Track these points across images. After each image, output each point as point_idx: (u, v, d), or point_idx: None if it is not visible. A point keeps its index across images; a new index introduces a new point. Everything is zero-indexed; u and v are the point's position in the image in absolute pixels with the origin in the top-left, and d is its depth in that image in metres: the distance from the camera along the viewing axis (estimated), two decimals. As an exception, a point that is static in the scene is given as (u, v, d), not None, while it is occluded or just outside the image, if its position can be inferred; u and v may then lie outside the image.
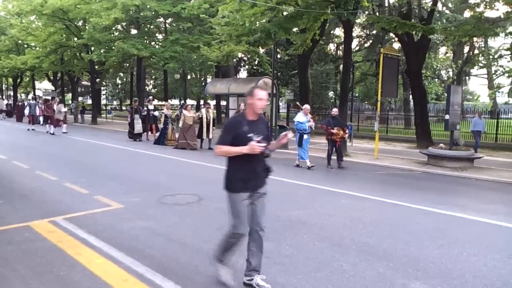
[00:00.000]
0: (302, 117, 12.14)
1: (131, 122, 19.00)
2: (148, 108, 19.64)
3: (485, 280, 4.36)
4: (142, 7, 25.24)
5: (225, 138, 3.88)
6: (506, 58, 17.17)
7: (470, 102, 56.16)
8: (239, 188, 3.99)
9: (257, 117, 4.00)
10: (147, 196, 7.80)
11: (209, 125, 16.33)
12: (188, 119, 15.91)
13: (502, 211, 7.55)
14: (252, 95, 3.91)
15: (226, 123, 4.08)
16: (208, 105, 17.11)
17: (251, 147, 3.75)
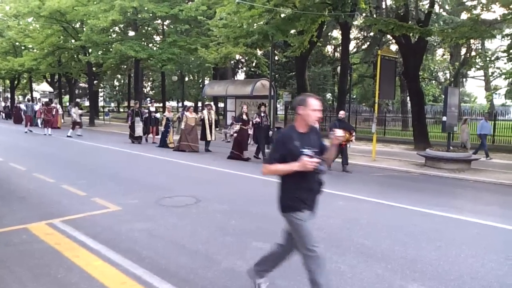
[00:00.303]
0: None
1: (132, 125, 18.79)
2: (150, 110, 19.47)
3: (483, 281, 4.38)
4: (140, 9, 25.26)
5: (273, 156, 3.56)
6: (503, 60, 17.19)
7: (467, 104, 56.31)
8: (300, 206, 3.66)
9: (308, 129, 3.61)
10: (145, 198, 7.79)
11: (212, 126, 16.09)
12: (190, 121, 15.78)
13: (499, 213, 7.57)
14: (305, 104, 3.50)
15: (276, 139, 3.71)
16: (210, 106, 16.86)
17: (302, 163, 3.41)
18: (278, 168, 3.54)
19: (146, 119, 19.11)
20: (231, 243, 5.37)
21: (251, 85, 21.70)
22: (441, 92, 41.77)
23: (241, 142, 13.92)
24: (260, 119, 13.85)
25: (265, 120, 14.09)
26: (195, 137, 15.77)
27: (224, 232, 5.83)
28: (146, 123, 19.21)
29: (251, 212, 7.01)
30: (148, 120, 19.22)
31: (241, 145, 13.87)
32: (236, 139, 14.12)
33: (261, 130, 13.95)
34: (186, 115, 15.92)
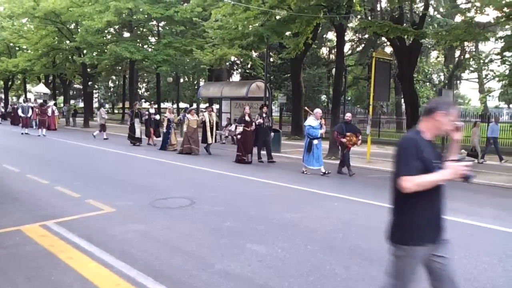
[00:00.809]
0: (313, 121, 11.50)
1: (131, 126, 18.53)
2: (149, 112, 19.22)
3: (476, 283, 4.39)
4: (135, 10, 25.23)
5: (413, 164, 2.82)
6: (496, 62, 17.32)
7: (462, 106, 56.59)
8: (420, 239, 2.92)
9: (432, 138, 3.04)
10: (139, 199, 7.77)
11: (213, 129, 15.88)
12: (192, 123, 15.51)
13: (492, 214, 7.61)
14: (448, 112, 2.92)
15: (403, 145, 2.98)
16: (211, 109, 16.55)
17: (455, 170, 2.81)
18: (428, 179, 2.79)
19: (146, 120, 18.81)
20: (226, 245, 5.36)
21: (246, 87, 21.70)
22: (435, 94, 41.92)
23: (246, 145, 13.55)
24: (263, 120, 13.72)
25: (267, 121, 13.97)
26: (196, 139, 15.54)
27: (219, 234, 5.83)
28: (146, 124, 18.92)
29: (246, 214, 7.01)
30: (148, 121, 18.93)
31: (246, 148, 13.51)
32: (240, 142, 13.77)
33: (261, 131, 13.82)
34: (188, 117, 15.59)
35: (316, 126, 11.40)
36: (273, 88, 33.08)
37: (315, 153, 11.39)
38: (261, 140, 13.97)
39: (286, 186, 9.79)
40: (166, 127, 17.01)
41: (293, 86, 25.50)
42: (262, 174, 11.53)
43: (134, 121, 18.41)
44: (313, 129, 11.34)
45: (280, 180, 10.48)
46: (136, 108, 19.32)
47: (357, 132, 11.87)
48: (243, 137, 13.64)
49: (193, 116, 15.81)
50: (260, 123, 13.70)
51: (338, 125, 12.33)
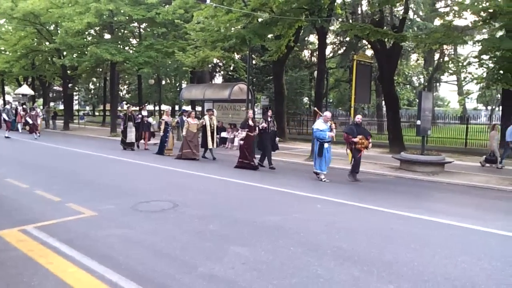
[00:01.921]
0: (322, 125, 11.13)
1: (124, 130, 17.65)
2: (142, 115, 18.48)
3: (456, 282, 4.47)
4: (116, 11, 24.96)
5: None
6: (474, 65, 17.63)
7: (441, 108, 57.50)
8: None
9: None
10: (121, 203, 7.69)
11: (213, 133, 15.27)
12: (192, 127, 14.83)
13: (472, 215, 7.75)
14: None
15: None
16: (211, 112, 15.85)
17: None
18: None
19: (138, 124, 18.01)
20: (209, 248, 5.34)
21: (229, 89, 21.67)
22: (415, 96, 42.56)
23: (250, 150, 13.02)
24: (267, 124, 13.17)
25: (272, 125, 13.43)
26: (197, 144, 14.94)
27: (202, 237, 5.81)
28: (138, 128, 18.06)
29: (230, 216, 7.00)
30: (140, 125, 18.09)
31: (249, 153, 12.95)
32: (243, 147, 13.18)
33: (267, 136, 13.24)
34: (188, 121, 14.88)
35: (325, 129, 11.02)
36: (255, 90, 33.11)
37: (326, 157, 10.99)
38: (266, 145, 13.27)
39: (270, 189, 9.81)
40: (163, 130, 16.31)
41: (275, 89, 25.58)
42: (246, 176, 11.52)
43: (128, 125, 17.61)
44: (320, 132, 10.99)
45: (264, 182, 10.50)
46: (130, 111, 18.37)
47: (368, 135, 11.46)
48: (247, 142, 13.06)
49: (193, 119, 15.14)
50: (264, 128, 13.11)
51: (349, 127, 11.91)
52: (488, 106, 48.97)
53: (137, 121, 17.86)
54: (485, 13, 12.76)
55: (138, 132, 18.01)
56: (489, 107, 48.09)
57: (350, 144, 11.18)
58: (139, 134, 18.05)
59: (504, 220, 7.51)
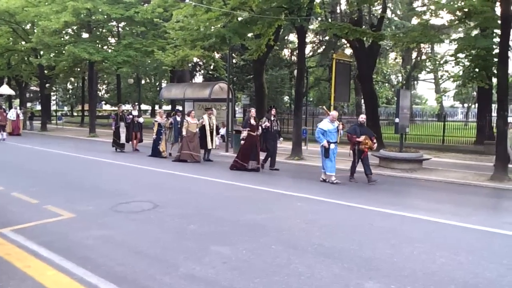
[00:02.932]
0: (327, 124, 10.66)
1: (116, 131, 17.03)
2: (133, 115, 17.64)
3: (434, 276, 4.55)
4: (94, 10, 24.62)
5: None
6: (451, 63, 18.00)
7: (419, 105, 58.38)
8: None
9: None
10: (100, 204, 7.60)
11: (213, 133, 14.64)
12: (191, 127, 14.11)
13: (449, 210, 7.89)
14: None
15: None
16: (211, 111, 15.05)
17: None
18: None
19: (128, 124, 17.29)
20: (190, 248, 5.32)
21: (209, 88, 21.62)
22: (393, 94, 43.13)
23: (249, 151, 12.34)
24: (270, 123, 12.59)
25: (275, 124, 12.79)
26: (196, 145, 14.23)
27: (183, 237, 5.78)
28: (129, 128, 17.36)
29: (211, 216, 6.98)
30: (131, 125, 17.33)
31: (248, 154, 12.33)
32: (243, 147, 12.48)
33: (270, 136, 12.67)
34: (188, 120, 14.15)
35: (332, 129, 10.62)
36: (236, 89, 33.09)
37: (333, 158, 10.56)
38: (271, 145, 12.72)
39: (251, 187, 9.82)
40: (156, 132, 15.61)
41: (256, 87, 25.59)
42: (227, 175, 11.51)
43: (120, 125, 17.00)
44: (323, 133, 10.54)
45: (245, 181, 10.50)
46: (121, 111, 17.83)
47: (372, 136, 11.05)
48: (248, 142, 12.39)
49: (193, 119, 14.40)
50: (267, 127, 12.54)
51: (352, 127, 11.45)
52: (465, 104, 49.88)
53: (128, 121, 17.22)
54: (461, 12, 13.00)
55: (129, 133, 17.37)
56: (466, 105, 48.99)
57: (354, 144, 10.82)
58: (129, 134, 17.41)
59: (480, 215, 7.68)
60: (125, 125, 17.09)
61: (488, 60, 14.41)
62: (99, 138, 24.64)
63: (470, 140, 21.78)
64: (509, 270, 4.76)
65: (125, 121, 17.08)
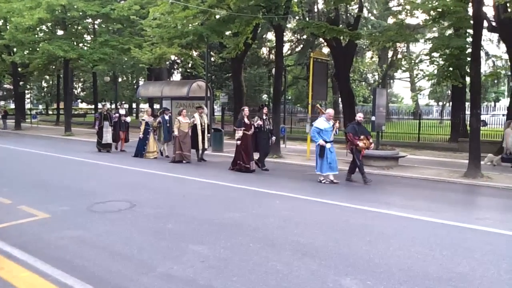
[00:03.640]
0: (323, 123, 10.37)
1: (100, 131, 16.27)
2: (120, 114, 16.94)
3: (409, 272, 4.63)
4: (69, 7, 24.16)
5: None
6: (425, 62, 18.29)
7: (395, 104, 59.19)
8: None
9: None
10: (76, 204, 7.49)
11: (204, 132, 13.98)
12: (183, 127, 13.65)
13: (424, 207, 8.04)
14: None
15: None
16: (202, 109, 14.30)
17: None
18: None
19: (115, 123, 16.56)
20: (167, 248, 5.30)
21: (187, 86, 21.47)
22: (370, 93, 43.63)
23: (248, 151, 11.99)
24: (262, 122, 12.27)
25: (267, 123, 12.47)
26: (188, 145, 13.77)
27: (160, 237, 5.75)
28: (115, 128, 16.62)
29: (188, 215, 6.96)
30: (117, 124, 16.62)
31: (249, 155, 12.00)
32: (243, 148, 11.98)
33: (262, 135, 12.33)
34: (179, 119, 13.73)
35: (328, 128, 10.35)
36: (214, 88, 33.00)
37: (329, 157, 10.22)
38: (261, 144, 12.39)
39: (229, 186, 9.81)
40: (143, 131, 14.92)
41: (234, 86, 25.58)
42: (205, 174, 11.48)
43: (103, 125, 16.25)
44: (318, 132, 10.27)
45: (222, 179, 10.49)
46: (105, 110, 16.95)
47: (369, 135, 10.84)
48: (244, 143, 11.98)
49: (185, 118, 13.89)
50: (260, 125, 12.22)
51: (351, 126, 10.98)
52: (439, 102, 50.82)
53: (114, 120, 16.49)
54: (435, 12, 13.22)
55: (116, 132, 16.65)
56: (440, 103, 49.93)
57: (351, 144, 10.55)
58: (116, 134, 16.68)
59: (454, 211, 7.85)
60: (110, 124, 16.40)
61: (462, 59, 14.71)
62: (75, 137, 24.25)
63: (445, 137, 22.21)
64: (480, 264, 4.88)
65: (110, 120, 16.41)
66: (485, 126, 22.05)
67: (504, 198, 9.47)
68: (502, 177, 11.57)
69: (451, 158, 16.43)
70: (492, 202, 9.25)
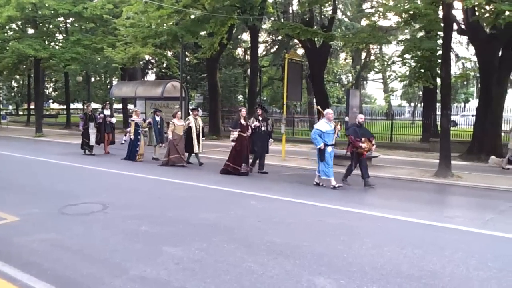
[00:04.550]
0: (325, 125, 9.82)
1: (85, 132, 15.56)
2: (105, 114, 16.26)
3: (382, 270, 4.70)
4: (40, 5, 23.59)
5: None
6: (398, 64, 18.62)
7: (368, 105, 60.01)
8: None
9: None
10: (46, 207, 7.32)
11: (199, 136, 13.36)
12: (178, 129, 13.01)
13: (396, 206, 8.18)
14: None
15: None
16: (196, 112, 13.76)
17: None
18: None
19: (100, 124, 15.86)
20: (141, 250, 5.23)
21: (162, 86, 21.31)
22: (344, 94, 44.13)
23: (241, 153, 11.52)
24: (259, 123, 11.89)
25: (263, 125, 12.01)
26: (183, 148, 13.15)
27: (134, 239, 5.67)
28: (100, 129, 15.93)
29: (163, 216, 6.89)
30: (102, 125, 15.95)
31: (241, 157, 11.51)
32: (235, 150, 11.54)
33: (259, 137, 11.88)
34: (174, 122, 13.04)
35: (330, 131, 9.81)
36: (189, 88, 32.81)
37: (328, 160, 9.77)
38: (258, 147, 11.94)
39: (204, 187, 9.77)
40: (134, 133, 14.11)
41: (209, 86, 25.48)
42: (180, 175, 11.38)
43: (89, 126, 15.53)
44: (319, 135, 9.72)
45: (198, 180, 10.43)
46: (90, 110, 16.22)
47: (371, 137, 10.39)
48: (239, 144, 11.50)
49: (179, 120, 13.25)
50: (257, 127, 11.80)
51: (351, 128, 10.46)
52: (411, 103, 51.78)
53: (99, 121, 15.81)
54: (407, 15, 13.46)
55: (100, 134, 15.95)
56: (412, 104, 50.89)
57: (353, 147, 10.08)
58: (101, 136, 15.99)
59: (425, 210, 8.00)
60: (95, 125, 15.68)
61: (432, 61, 15.00)
62: (46, 138, 23.69)
63: (417, 137, 22.61)
64: (450, 262, 5.00)
65: (95, 121, 15.70)
66: (455, 126, 22.55)
67: (473, 196, 9.71)
68: (471, 176, 11.86)
69: (423, 158, 16.74)
70: (462, 201, 9.47)
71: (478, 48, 16.44)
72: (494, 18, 11.62)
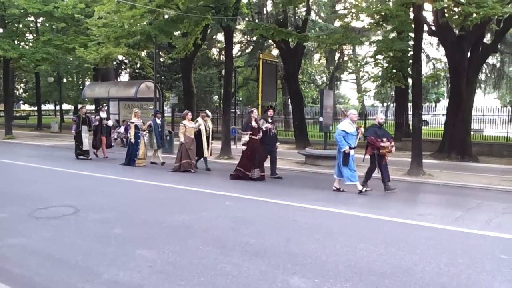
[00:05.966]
0: (349, 126, 9.37)
1: (77, 135, 14.66)
2: (101, 117, 15.47)
3: (355, 268, 4.76)
4: (8, 4, 23.03)
5: None
6: (370, 65, 18.88)
7: (342, 105, 60.63)
8: None
9: None
10: (16, 210, 7.14)
11: (209, 139, 12.72)
12: (189, 132, 12.28)
13: (369, 204, 8.32)
14: None
15: None
16: (205, 114, 13.01)
17: None
18: None
19: (96, 127, 15.16)
20: (114, 253, 5.16)
21: (135, 87, 21.08)
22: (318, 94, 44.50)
23: (252, 158, 10.90)
24: (270, 125, 11.36)
25: (272, 127, 11.50)
26: (194, 153, 12.38)
27: (106, 242, 5.59)
28: (96, 133, 15.25)
29: (136, 219, 6.81)
30: (98, 128, 15.24)
31: (252, 162, 10.89)
32: (246, 154, 10.93)
33: (267, 140, 11.32)
34: (184, 124, 12.31)
35: (353, 132, 9.38)
36: (164, 89, 32.53)
37: (352, 165, 9.31)
38: (266, 150, 11.35)
39: (178, 188, 9.71)
40: (134, 136, 13.31)
41: (184, 87, 25.32)
42: (153, 177, 11.26)
43: (81, 129, 14.63)
44: (344, 136, 9.25)
45: (172, 182, 10.36)
46: (84, 112, 15.14)
47: (390, 138, 9.89)
48: (250, 147, 10.88)
49: (190, 123, 12.44)
50: (269, 128, 11.23)
51: (371, 129, 9.91)
52: (384, 103, 52.60)
53: (95, 124, 15.07)
54: (378, 16, 13.69)
55: (97, 138, 15.26)
56: (385, 104, 51.70)
57: (373, 148, 9.53)
58: (97, 140, 15.28)
59: (398, 208, 8.16)
60: (88, 129, 14.86)
61: (404, 61, 15.31)
62: (16, 140, 23.13)
63: (390, 137, 22.93)
64: (422, 259, 5.09)
65: (89, 124, 14.83)
66: (427, 125, 23.01)
67: (444, 194, 9.94)
68: (442, 174, 12.14)
69: (395, 156, 16.96)
70: (433, 198, 9.68)
71: (448, 49, 16.82)
72: (463, 20, 11.92)
